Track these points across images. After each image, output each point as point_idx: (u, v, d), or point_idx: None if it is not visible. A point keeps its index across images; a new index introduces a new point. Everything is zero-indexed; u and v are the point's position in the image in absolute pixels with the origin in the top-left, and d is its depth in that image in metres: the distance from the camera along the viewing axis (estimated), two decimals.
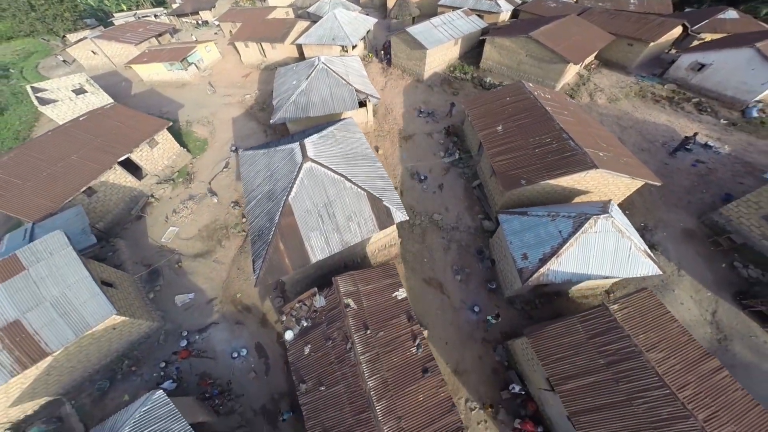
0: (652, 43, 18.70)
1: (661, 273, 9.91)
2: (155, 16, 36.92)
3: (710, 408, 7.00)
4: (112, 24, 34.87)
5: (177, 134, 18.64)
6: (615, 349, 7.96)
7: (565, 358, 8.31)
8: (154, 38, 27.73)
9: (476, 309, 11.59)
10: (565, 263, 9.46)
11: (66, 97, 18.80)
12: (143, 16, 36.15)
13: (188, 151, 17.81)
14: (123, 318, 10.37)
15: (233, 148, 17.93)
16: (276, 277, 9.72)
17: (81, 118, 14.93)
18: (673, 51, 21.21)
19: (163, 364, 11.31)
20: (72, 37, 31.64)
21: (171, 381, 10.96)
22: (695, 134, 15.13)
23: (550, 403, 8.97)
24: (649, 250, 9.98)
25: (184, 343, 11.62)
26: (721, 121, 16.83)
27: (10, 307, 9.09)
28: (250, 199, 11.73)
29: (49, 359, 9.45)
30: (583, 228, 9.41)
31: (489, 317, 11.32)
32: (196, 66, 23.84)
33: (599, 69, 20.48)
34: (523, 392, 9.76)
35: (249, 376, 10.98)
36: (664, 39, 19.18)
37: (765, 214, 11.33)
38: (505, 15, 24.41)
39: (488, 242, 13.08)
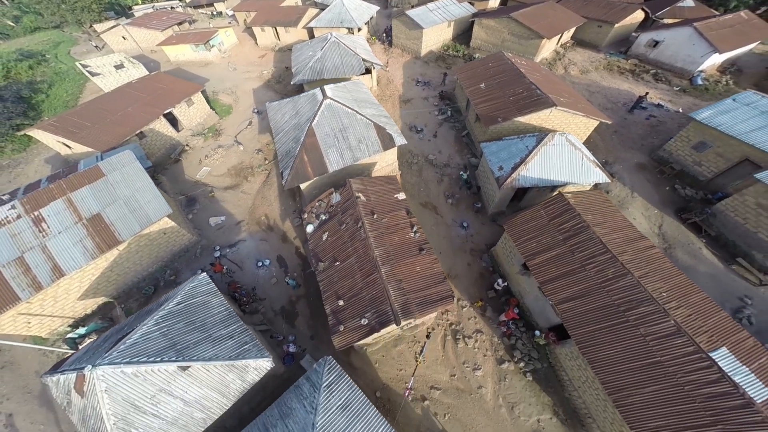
0: (617, 25, 22.18)
1: (609, 181, 12.66)
2: (171, 8, 40.77)
3: (643, 270, 9.17)
4: (132, 15, 38.62)
5: (206, 101, 21.67)
6: (570, 227, 10.35)
7: (533, 238, 10.69)
8: (176, 26, 31.32)
9: (465, 224, 14.29)
10: (532, 169, 12.21)
11: (110, 71, 22.01)
12: (160, 8, 39.99)
13: (216, 113, 20.83)
14: (173, 224, 13.03)
15: (255, 110, 20.95)
16: (301, 181, 12.44)
17: (134, 82, 18.20)
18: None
19: (199, 272, 13.81)
20: (99, 27, 35.23)
21: None
22: (647, 93, 18.31)
23: (527, 291, 11.33)
24: (599, 163, 12.85)
25: (217, 254, 14.16)
26: (674, 87, 20.10)
27: (94, 203, 11.69)
28: (278, 132, 14.60)
29: (115, 252, 12.02)
30: (543, 141, 12.26)
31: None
32: (217, 48, 27.22)
33: (574, 47, 23.94)
34: (506, 284, 12.14)
35: (271, 282, 13.29)
36: (627, 21, 22.71)
37: (693, 144, 14.34)
38: (494, 3, 28.11)
39: (474, 174, 15.95)
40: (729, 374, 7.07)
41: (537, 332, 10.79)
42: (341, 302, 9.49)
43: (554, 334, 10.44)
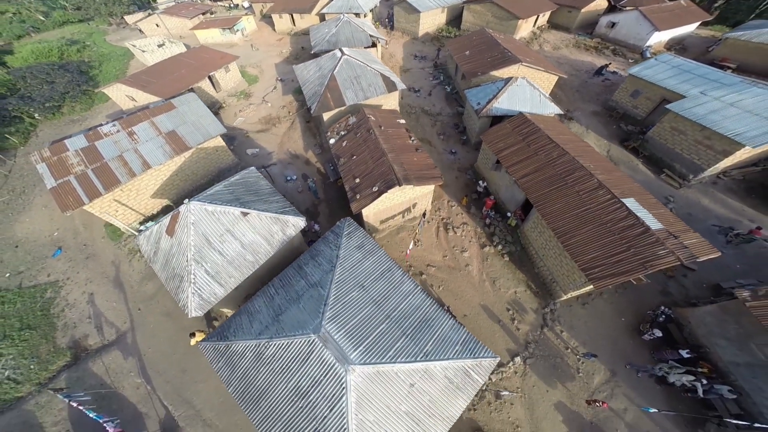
0: (583, 10, 27.48)
1: (562, 112, 17.18)
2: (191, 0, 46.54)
3: (578, 153, 13.34)
4: (153, 8, 44.36)
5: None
6: (527, 131, 14.62)
7: (501, 140, 14.94)
8: (200, 15, 36.81)
9: (453, 151, 18.71)
10: (502, 102, 16.61)
11: (154, 49, 27.10)
12: (180, 1, 45.70)
13: (246, 81, 25.60)
14: (223, 143, 17.42)
15: (279, 78, 25.75)
16: (324, 110, 16.86)
17: (184, 52, 23.36)
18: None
19: None
20: (128, 18, 40.87)
21: None
22: (608, 63, 23.32)
23: (500, 186, 15.42)
24: (552, 100, 17.40)
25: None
26: (628, 60, 25.07)
27: (169, 123, 16.07)
28: (304, 83, 19.19)
29: (182, 159, 16.24)
30: (509, 83, 16.82)
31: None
32: (241, 33, 32.46)
33: (549, 30, 29.22)
34: (485, 185, 16.24)
35: (297, 191, 17.26)
36: (592, 7, 28.03)
37: (630, 93, 19.02)
38: None
39: (461, 119, 20.52)
40: (634, 212, 10.73)
41: (509, 214, 14.84)
42: (357, 180, 13.63)
43: (521, 210, 14.56)
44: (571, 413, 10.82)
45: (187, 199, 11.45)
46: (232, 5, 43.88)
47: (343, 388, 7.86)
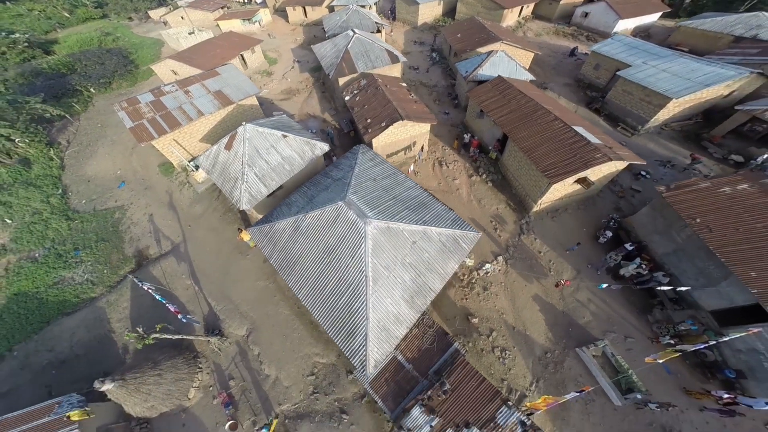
0: (562, 2, 32.89)
1: (534, 78, 21.94)
2: None
3: (543, 101, 17.85)
4: (176, 3, 50.01)
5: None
6: (503, 87, 19.08)
7: (484, 94, 19.41)
8: (220, 8, 42.46)
9: (446, 112, 23.38)
10: (485, 70, 21.36)
11: (185, 36, 32.32)
12: None
13: (267, 62, 30.65)
14: (257, 103, 22.07)
15: (295, 60, 30.78)
16: (340, 75, 21.56)
17: (217, 36, 28.53)
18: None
19: None
20: (152, 13, 46.53)
21: None
22: (577, 47, 28.39)
23: (482, 131, 20.00)
24: (527, 70, 22.19)
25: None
26: None
27: (216, 85, 20.73)
28: (322, 57, 24.03)
29: (224, 112, 20.83)
30: (491, 55, 21.65)
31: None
32: (258, 23, 37.84)
33: (532, 20, 34.59)
34: (471, 137, 20.93)
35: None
36: (570, 0, 33.58)
37: (594, 66, 23.88)
38: None
39: (453, 89, 25.31)
40: (581, 134, 15.13)
41: (490, 148, 19.30)
42: (369, 120, 18.12)
43: (498, 143, 18.93)
44: (546, 304, 14.02)
45: (244, 122, 15.95)
46: (246, 1, 49.72)
47: (362, 237, 11.11)
